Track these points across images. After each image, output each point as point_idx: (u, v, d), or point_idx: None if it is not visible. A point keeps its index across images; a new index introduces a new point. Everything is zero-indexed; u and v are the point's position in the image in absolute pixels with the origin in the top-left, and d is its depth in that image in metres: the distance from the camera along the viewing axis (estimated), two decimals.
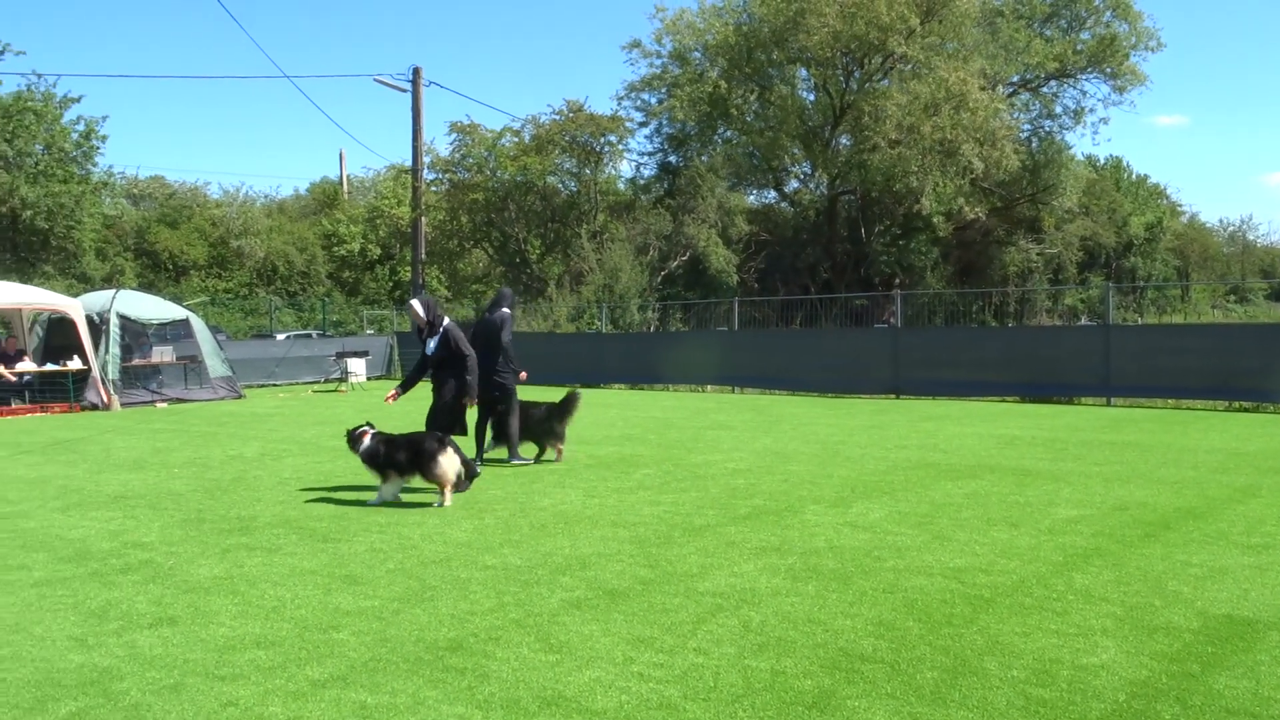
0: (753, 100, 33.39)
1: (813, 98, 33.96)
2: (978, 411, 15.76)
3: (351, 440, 8.32)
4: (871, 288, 33.48)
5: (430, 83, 30.23)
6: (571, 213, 32.99)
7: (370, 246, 42.62)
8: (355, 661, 4.40)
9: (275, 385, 25.01)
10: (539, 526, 7.17)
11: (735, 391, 21.11)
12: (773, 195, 39.37)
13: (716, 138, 35.19)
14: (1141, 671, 4.15)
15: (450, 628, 4.84)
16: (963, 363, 18.41)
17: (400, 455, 8.04)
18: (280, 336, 30.08)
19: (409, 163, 31.71)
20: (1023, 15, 34.24)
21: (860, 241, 35.57)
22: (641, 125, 35.41)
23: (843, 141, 32.77)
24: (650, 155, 36.84)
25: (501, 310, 10.46)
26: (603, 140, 32.25)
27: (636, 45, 34.48)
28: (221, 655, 4.50)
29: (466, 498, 8.40)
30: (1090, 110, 35.71)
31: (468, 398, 8.99)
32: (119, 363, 18.96)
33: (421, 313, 9.06)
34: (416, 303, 9.16)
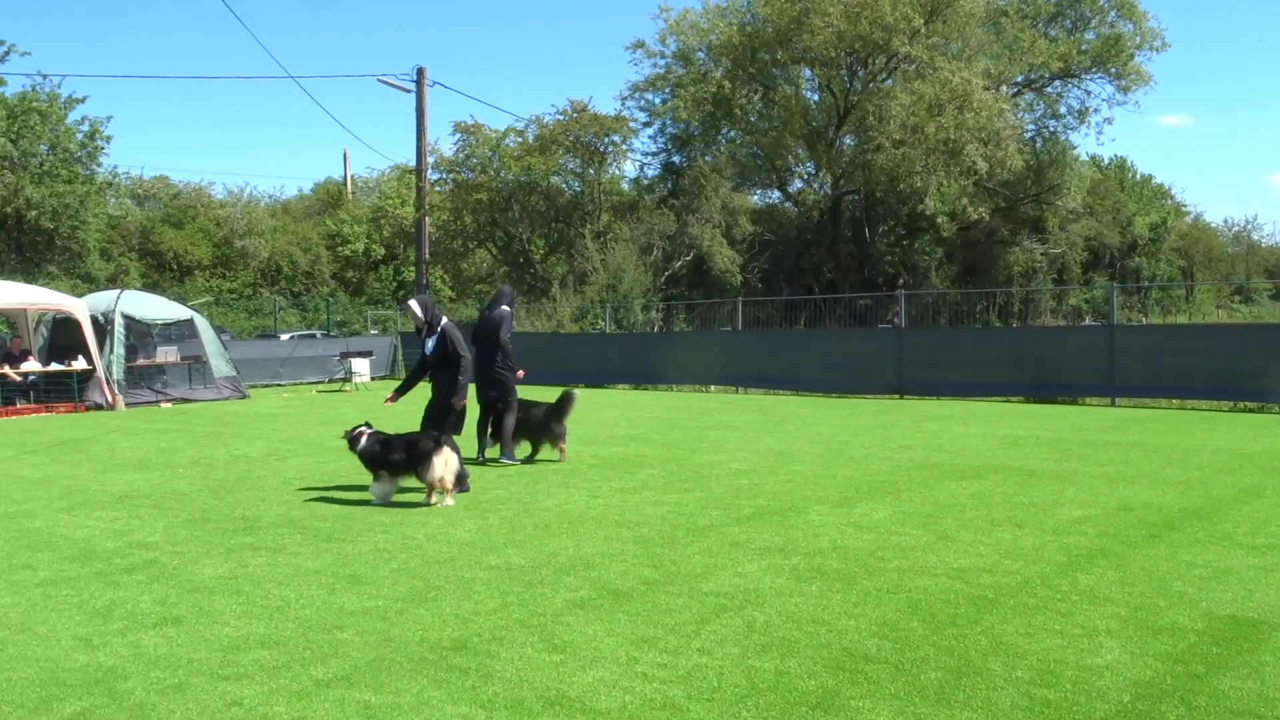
0: (757, 100, 33.38)
1: (817, 98, 33.95)
2: (982, 412, 15.74)
3: (350, 440, 8.43)
4: (875, 288, 33.45)
5: (434, 83, 30.34)
6: (575, 213, 33.00)
7: (374, 247, 42.67)
8: (359, 661, 4.40)
9: (279, 385, 25.04)
10: (543, 526, 7.17)
11: (739, 392, 21.10)
12: (777, 195, 39.41)
13: (720, 138, 35.18)
14: (1146, 672, 4.15)
15: (454, 628, 4.85)
16: (967, 363, 18.39)
17: (396, 455, 8.08)
18: (284, 337, 30.13)
19: (413, 163, 31.77)
20: (1027, 15, 34.17)
21: (864, 241, 35.54)
22: (645, 125, 35.46)
23: (847, 141, 32.74)
24: (654, 155, 36.91)
25: (501, 308, 10.50)
26: (607, 140, 32.28)
27: (640, 45, 34.52)
28: (226, 655, 4.51)
29: (470, 498, 8.41)
30: (1094, 110, 35.64)
31: (455, 398, 8.91)
32: (124, 363, 19.00)
33: (419, 313, 9.06)
34: (414, 303, 9.17)
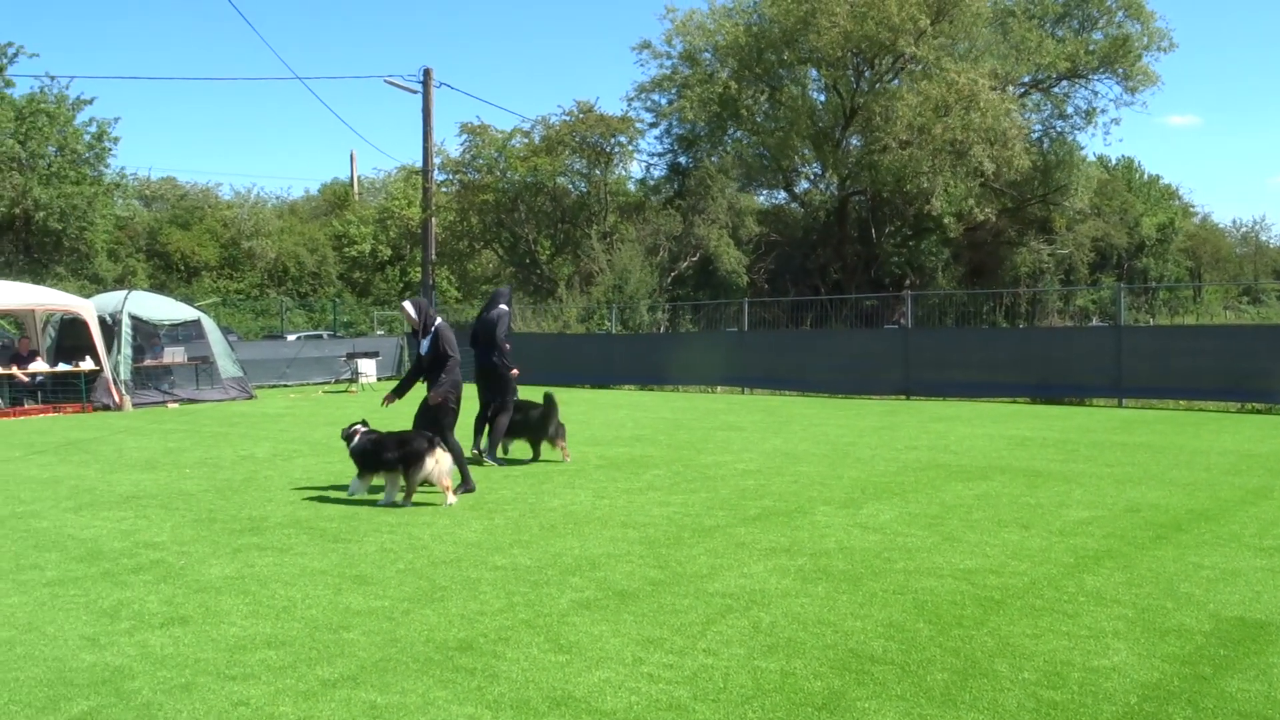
0: (763, 101, 33.34)
1: (823, 98, 33.90)
2: (988, 413, 15.71)
3: (346, 438, 8.59)
4: (882, 288, 33.39)
5: (440, 84, 30.33)
6: (581, 213, 32.99)
7: (381, 247, 42.74)
8: (365, 661, 4.41)
9: (286, 386, 25.09)
10: (549, 527, 7.17)
11: (745, 392, 21.09)
12: (783, 196, 39.36)
13: (727, 138, 35.14)
14: (1153, 674, 4.14)
15: (460, 628, 4.85)
16: (973, 364, 18.35)
17: (388, 454, 8.15)
18: (291, 337, 30.20)
19: (419, 164, 31.77)
20: (1034, 15, 34.09)
21: (871, 242, 35.49)
22: (651, 126, 35.44)
23: (853, 142, 32.69)
24: (660, 156, 36.88)
25: (499, 307, 10.62)
26: (613, 141, 32.25)
27: (647, 46, 34.50)
28: (232, 655, 4.52)
29: (476, 498, 8.42)
30: (1102, 111, 35.49)
31: (435, 394, 8.77)
32: (131, 363, 19.05)
33: (413, 314, 9.04)
34: (408, 304, 9.17)
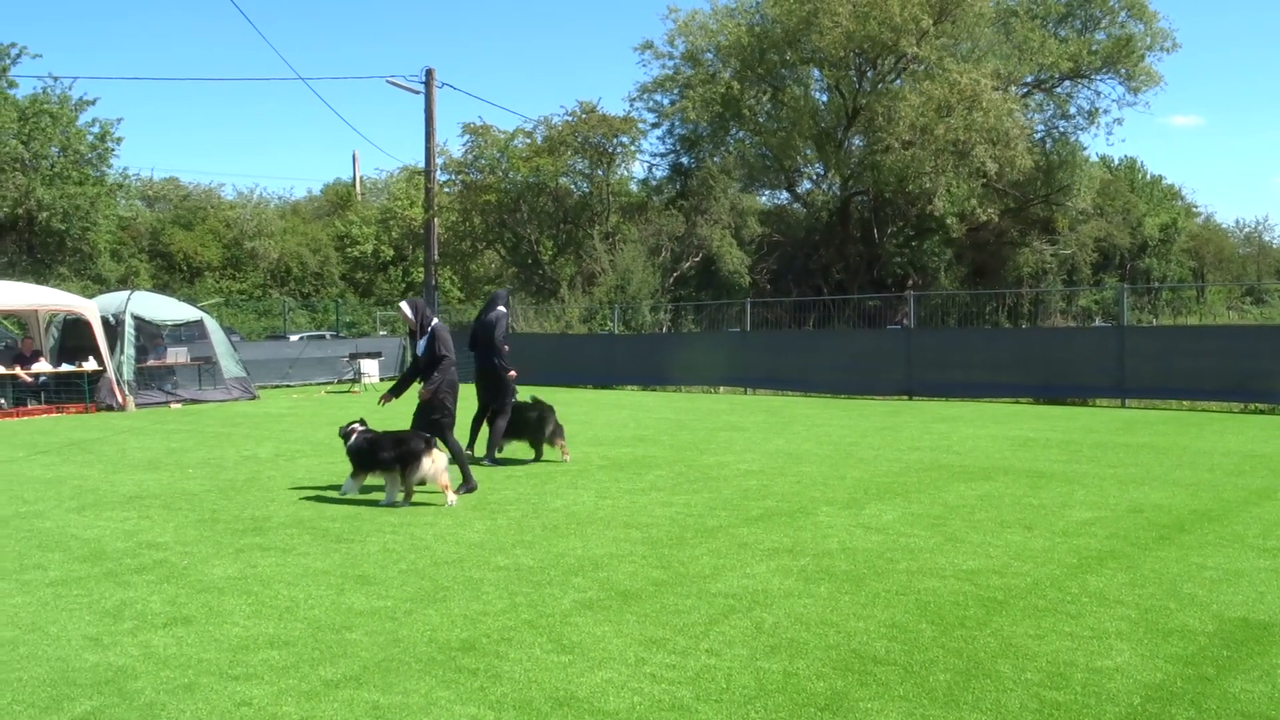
0: (765, 101, 33.33)
1: (825, 98, 33.87)
2: (991, 413, 15.70)
3: (344, 437, 8.65)
4: (884, 289, 33.38)
5: (443, 84, 30.33)
6: (584, 214, 33.00)
7: (383, 248, 42.76)
8: (368, 661, 4.41)
9: (289, 386, 25.11)
10: (551, 527, 7.18)
11: (747, 393, 21.08)
12: (785, 196, 39.36)
13: (729, 139, 35.14)
14: (1156, 675, 4.13)
15: (463, 628, 4.85)
16: (976, 364, 18.34)
17: (384, 454, 8.18)
18: (294, 337, 30.20)
19: (422, 164, 31.77)
20: (1037, 15, 34.06)
21: (873, 242, 35.47)
22: (654, 126, 35.46)
23: (855, 142, 32.68)
24: (663, 156, 36.89)
25: (497, 309, 10.68)
26: (615, 141, 32.25)
27: (649, 46, 34.51)
28: (235, 655, 4.53)
29: (478, 498, 8.43)
30: (1105, 111, 35.44)
31: (426, 389, 8.77)
32: (134, 364, 19.07)
33: (410, 315, 9.05)
34: (405, 305, 9.18)
